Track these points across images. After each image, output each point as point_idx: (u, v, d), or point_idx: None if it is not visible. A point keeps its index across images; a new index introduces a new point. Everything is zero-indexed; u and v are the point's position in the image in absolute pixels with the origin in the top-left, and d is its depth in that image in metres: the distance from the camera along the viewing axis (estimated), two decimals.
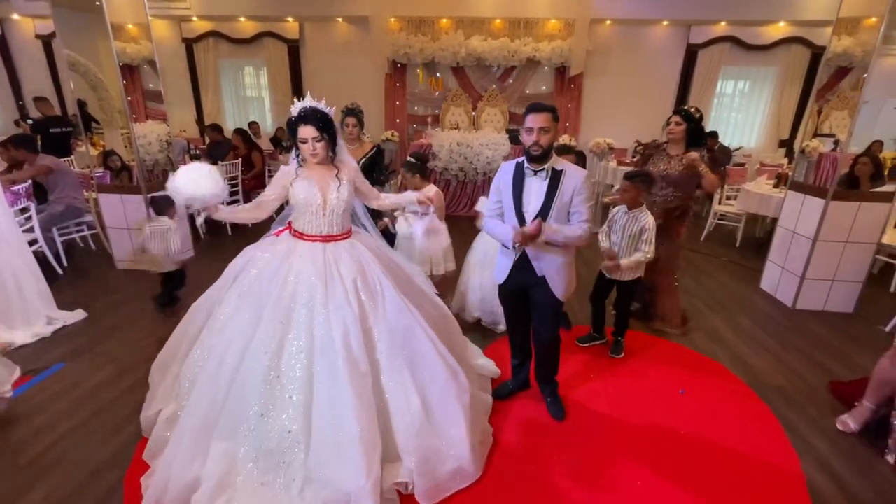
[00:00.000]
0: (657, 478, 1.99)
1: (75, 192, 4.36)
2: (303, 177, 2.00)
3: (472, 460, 1.91)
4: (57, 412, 2.32)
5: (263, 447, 1.75)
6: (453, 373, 2.00)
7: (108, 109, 4.11)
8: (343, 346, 1.79)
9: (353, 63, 8.07)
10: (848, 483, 2.01)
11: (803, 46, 7.43)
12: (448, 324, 2.34)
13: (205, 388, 1.83)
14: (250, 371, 1.78)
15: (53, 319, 3.15)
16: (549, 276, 2.12)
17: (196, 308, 2.15)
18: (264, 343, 1.80)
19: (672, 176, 2.90)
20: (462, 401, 1.97)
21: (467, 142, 6.34)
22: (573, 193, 2.02)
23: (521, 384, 2.52)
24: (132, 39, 4.15)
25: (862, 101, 3.27)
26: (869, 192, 3.45)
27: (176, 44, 8.24)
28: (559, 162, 2.06)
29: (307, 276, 1.90)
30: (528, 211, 2.06)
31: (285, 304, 1.86)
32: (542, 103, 2.01)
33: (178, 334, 2.19)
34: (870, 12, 3.34)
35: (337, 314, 1.84)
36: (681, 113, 2.89)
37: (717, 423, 2.34)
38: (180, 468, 1.73)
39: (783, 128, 7.89)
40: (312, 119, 1.89)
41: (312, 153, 1.94)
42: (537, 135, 1.96)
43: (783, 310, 3.73)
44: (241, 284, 2.00)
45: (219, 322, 1.96)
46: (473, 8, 7.41)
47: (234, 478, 1.74)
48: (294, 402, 1.77)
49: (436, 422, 1.91)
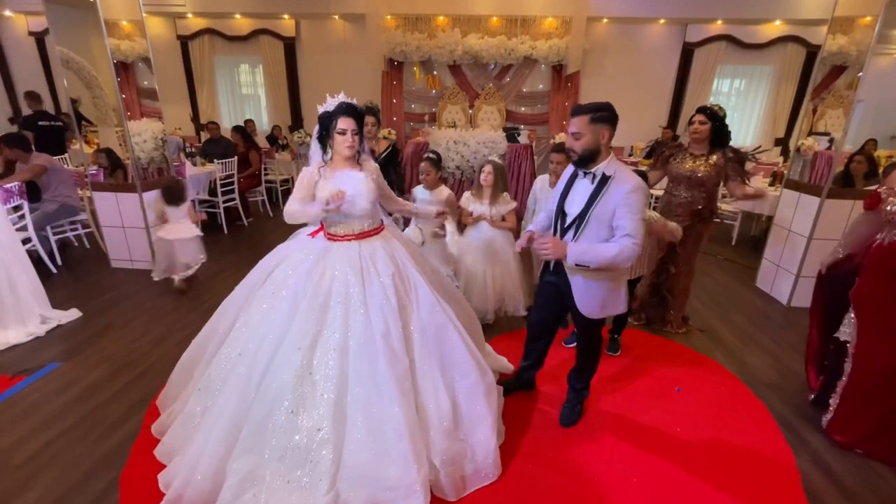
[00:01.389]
0: (653, 474, 2.00)
1: (69, 191, 4.32)
2: (326, 177, 1.99)
3: (494, 461, 1.91)
4: (51, 412, 2.31)
5: (292, 444, 1.74)
6: (483, 372, 2.00)
7: (103, 107, 4.08)
8: (384, 342, 1.80)
9: (349, 61, 8.04)
10: (842, 479, 2.02)
11: (799, 45, 7.45)
12: (473, 323, 2.35)
13: (236, 384, 1.82)
14: (282, 367, 1.78)
15: (47, 318, 3.13)
16: (574, 287, 1.99)
17: (225, 307, 2.16)
18: (298, 339, 1.81)
19: (699, 177, 2.80)
20: (490, 399, 1.98)
21: (464, 140, 6.32)
22: (617, 203, 1.82)
23: (525, 384, 2.50)
24: (126, 36, 4.11)
25: (856, 100, 3.29)
26: (863, 190, 3.47)
27: (171, 41, 8.18)
28: (612, 166, 1.87)
29: (344, 274, 1.91)
30: (570, 213, 1.96)
31: (321, 301, 1.86)
32: (582, 105, 1.86)
33: (206, 333, 2.18)
34: (865, 11, 3.35)
35: (377, 311, 1.85)
36: (705, 111, 2.77)
37: (713, 421, 2.35)
38: (208, 463, 1.72)
39: (779, 126, 7.92)
40: (354, 112, 1.93)
41: (350, 145, 1.94)
42: (570, 140, 1.88)
43: (778, 307, 3.75)
44: (274, 282, 2.00)
45: (252, 319, 1.95)
46: (470, 6, 7.40)
47: (260, 473, 1.72)
48: (326, 400, 1.76)
49: (463, 421, 1.92)
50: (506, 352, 2.70)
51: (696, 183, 2.83)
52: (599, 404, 2.45)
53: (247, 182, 5.89)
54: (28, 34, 8.21)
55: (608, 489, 1.92)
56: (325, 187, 1.95)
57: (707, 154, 2.83)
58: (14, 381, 2.53)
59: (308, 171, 2.03)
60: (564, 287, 2.04)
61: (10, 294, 2.95)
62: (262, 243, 5.08)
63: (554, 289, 2.12)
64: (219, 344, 2.04)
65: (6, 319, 2.93)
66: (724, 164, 2.78)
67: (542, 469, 2.01)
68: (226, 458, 1.73)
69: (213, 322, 2.18)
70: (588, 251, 1.84)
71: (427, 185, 3.08)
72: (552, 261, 2.05)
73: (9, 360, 2.74)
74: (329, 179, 1.98)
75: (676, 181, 2.92)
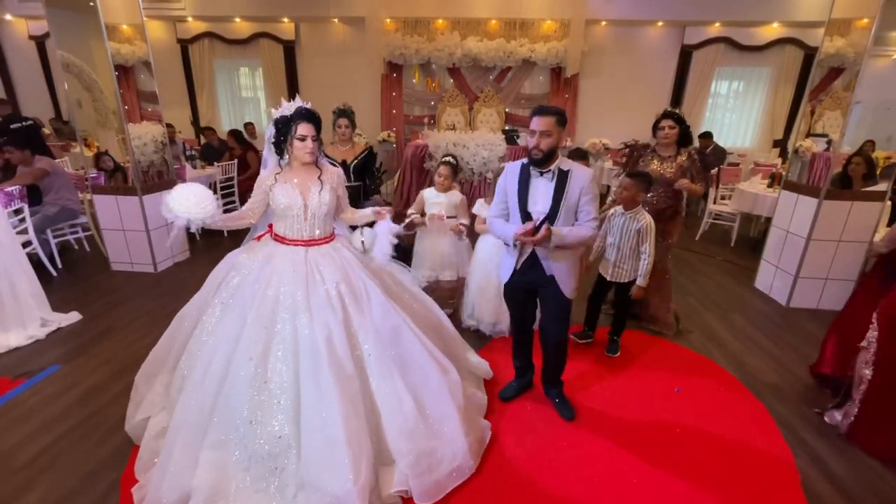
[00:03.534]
0: (653, 475, 2.00)
1: (70, 194, 4.34)
2: (282, 181, 1.97)
3: (467, 455, 1.91)
4: (52, 414, 2.31)
5: (255, 454, 1.73)
6: (444, 370, 2.01)
7: (103, 110, 4.10)
8: (327, 349, 1.78)
9: (349, 64, 8.07)
10: (842, 479, 2.03)
11: (796, 47, 7.48)
12: (438, 321, 2.34)
13: (192, 396, 1.80)
14: (237, 377, 1.76)
15: (48, 321, 3.14)
16: (558, 276, 2.11)
17: (182, 316, 2.11)
18: (249, 348, 1.79)
19: (665, 177, 2.94)
20: (455, 397, 1.98)
21: (463, 142, 6.33)
22: (580, 193, 2.01)
23: (526, 385, 2.52)
24: (127, 40, 4.13)
25: (854, 102, 3.30)
26: (861, 191, 3.48)
27: (171, 44, 8.21)
28: (565, 162, 2.05)
29: (288, 280, 1.89)
30: (536, 211, 2.05)
31: (269, 308, 1.85)
32: (547, 107, 2.00)
33: (165, 342, 2.15)
34: (861, 13, 3.37)
35: (319, 318, 1.83)
36: (673, 117, 2.93)
37: (713, 421, 2.36)
38: (172, 480, 1.68)
39: (777, 128, 7.95)
40: (313, 118, 1.92)
41: (310, 151, 1.94)
42: (538, 139, 1.95)
43: (777, 308, 3.76)
44: (223, 291, 1.98)
45: (204, 330, 1.93)
46: (469, 9, 7.43)
47: (226, 486, 1.71)
48: (283, 406, 1.76)
49: (430, 421, 1.91)
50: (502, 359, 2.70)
51: (663, 183, 2.94)
52: (598, 405, 2.45)
53: (246, 184, 5.90)
54: (28, 38, 8.24)
55: (608, 490, 1.92)
56: (281, 193, 1.95)
57: (674, 156, 2.96)
58: (15, 384, 2.54)
59: (262, 176, 2.02)
60: (540, 280, 2.14)
61: (10, 297, 2.95)
62: None
63: (524, 286, 2.22)
64: (178, 354, 2.03)
65: (7, 322, 2.93)
66: (689, 164, 2.93)
67: (540, 470, 2.01)
68: (188, 474, 1.70)
69: (171, 330, 2.14)
70: (570, 234, 2.02)
71: (441, 188, 3.08)
72: (523, 258, 2.13)
73: (9, 363, 2.74)
74: (285, 185, 1.96)
75: None
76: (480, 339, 3.07)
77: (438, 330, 2.30)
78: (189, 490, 1.69)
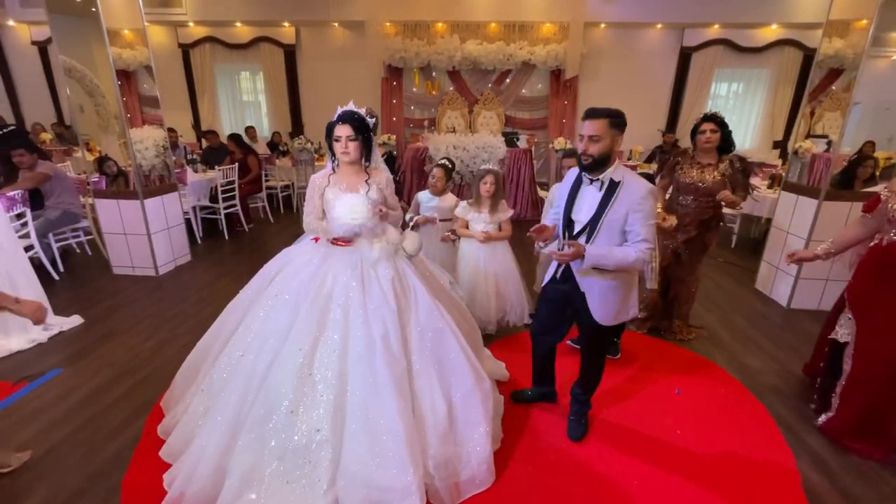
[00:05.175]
0: (654, 476, 2.00)
1: (72, 198, 4.36)
2: (333, 184, 2.04)
3: (489, 468, 1.91)
4: (54, 418, 2.32)
5: (291, 445, 1.76)
6: (479, 378, 2.01)
7: (105, 115, 4.12)
8: (383, 344, 1.82)
9: (349, 67, 8.10)
10: (842, 480, 2.02)
11: (795, 48, 7.50)
12: (473, 330, 2.36)
13: (238, 384, 1.85)
14: (283, 368, 1.81)
15: (50, 325, 3.14)
16: (589, 295, 1.96)
17: (230, 310, 2.19)
18: (299, 341, 1.83)
19: (707, 186, 2.76)
20: (486, 406, 1.98)
21: (463, 145, 6.36)
22: (628, 209, 1.82)
23: (542, 395, 2.45)
24: (128, 45, 4.16)
25: (853, 103, 3.31)
26: (861, 192, 3.48)
27: (172, 49, 8.25)
28: (620, 171, 1.87)
29: (344, 277, 1.94)
30: (579, 220, 1.94)
31: (322, 304, 1.90)
32: (597, 109, 1.83)
33: (211, 336, 2.21)
34: (859, 14, 3.38)
35: (376, 313, 1.87)
36: (715, 120, 2.72)
37: (713, 423, 2.36)
38: (209, 462, 1.73)
39: (777, 129, 7.96)
40: (349, 119, 1.96)
41: (344, 151, 1.98)
42: (586, 144, 1.83)
43: (778, 309, 3.75)
44: (278, 285, 2.04)
45: (256, 320, 1.99)
46: (468, 12, 7.46)
47: (259, 473, 1.74)
48: (325, 400, 1.78)
49: (458, 427, 1.92)
50: (505, 358, 2.71)
51: (704, 192, 2.78)
52: (599, 407, 2.45)
53: (247, 188, 5.92)
54: (31, 43, 8.30)
55: (609, 492, 1.92)
56: (331, 195, 2.01)
57: (715, 163, 2.77)
58: (16, 388, 2.55)
59: (315, 182, 2.08)
60: (573, 294, 2.00)
61: None
62: (263, 249, 5.10)
63: (560, 296, 2.09)
64: (222, 346, 2.07)
65: (8, 326, 2.95)
66: (731, 172, 2.75)
67: (542, 472, 2.01)
68: (226, 458, 1.74)
69: (217, 324, 2.22)
70: (606, 254, 1.83)
71: (435, 191, 3.09)
72: (561, 267, 2.03)
73: (11, 367, 2.75)
74: (334, 188, 2.02)
75: (683, 190, 2.87)
76: (487, 338, 3.06)
77: (470, 333, 2.31)
78: (224, 471, 1.72)
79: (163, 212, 4.25)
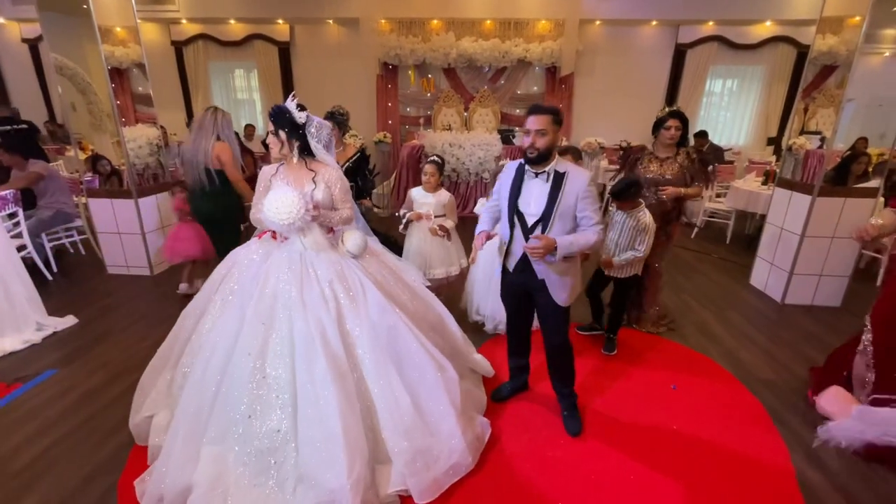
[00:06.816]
0: (650, 472, 2.01)
1: (65, 198, 4.32)
2: (281, 176, 2.02)
3: (465, 453, 1.92)
4: (49, 418, 2.30)
5: (253, 448, 1.75)
6: (440, 368, 2.01)
7: (98, 113, 4.08)
8: (322, 345, 1.80)
9: (344, 65, 8.07)
10: (837, 474, 2.04)
11: (789, 45, 7.54)
12: (438, 318, 2.34)
13: (192, 392, 1.83)
14: (236, 373, 1.79)
15: (44, 326, 3.12)
16: (549, 281, 2.06)
17: (186, 314, 2.15)
18: (248, 344, 1.81)
19: (668, 179, 2.86)
20: (451, 395, 1.98)
21: (459, 142, 6.36)
22: (577, 197, 1.95)
23: (519, 387, 2.52)
24: (120, 43, 4.12)
25: (846, 99, 3.33)
26: (854, 188, 3.51)
27: (165, 47, 8.18)
28: (561, 164, 1.99)
29: (285, 277, 1.92)
30: (529, 213, 2.02)
31: (267, 304, 1.87)
32: (542, 105, 1.97)
33: (170, 340, 2.19)
34: (852, 11, 3.40)
35: (313, 314, 1.85)
36: (682, 117, 2.81)
37: (709, 418, 2.37)
38: (174, 474, 1.72)
39: (771, 125, 8.00)
40: (271, 115, 1.96)
41: (270, 147, 2.00)
42: (534, 137, 1.93)
43: (772, 305, 3.78)
44: (224, 288, 2.01)
45: (205, 326, 1.97)
46: (464, 9, 7.44)
47: (226, 480, 1.74)
48: (281, 401, 1.78)
49: (427, 419, 1.92)
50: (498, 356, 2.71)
51: (667, 184, 2.86)
52: (595, 403, 2.46)
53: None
54: (21, 41, 8.20)
55: (606, 488, 1.93)
56: (275, 185, 1.99)
57: (673, 156, 2.87)
58: (11, 389, 2.53)
59: (265, 172, 2.07)
60: (532, 283, 2.10)
61: (5, 301, 2.94)
62: None
63: (519, 288, 2.18)
64: (181, 351, 2.06)
65: (2, 327, 2.92)
66: (688, 164, 2.85)
67: (537, 467, 2.02)
68: (190, 469, 1.73)
69: (175, 328, 2.18)
70: (573, 241, 1.95)
71: (428, 188, 3.09)
72: (516, 259, 2.10)
73: (5, 368, 2.73)
74: (280, 182, 2.00)
75: (646, 185, 2.91)
76: (483, 336, 3.08)
77: (438, 327, 2.31)
78: (190, 484, 1.71)
79: (157, 211, 4.23)
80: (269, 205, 1.86)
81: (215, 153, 3.11)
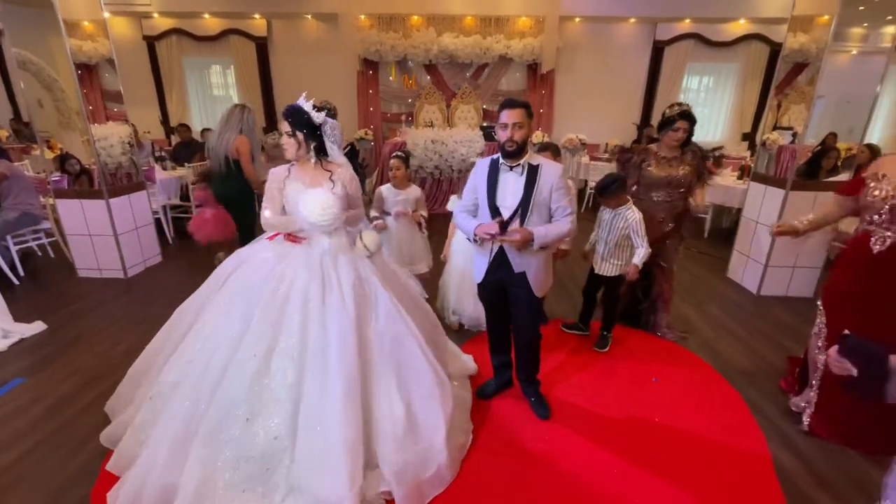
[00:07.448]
0: (633, 464, 2.04)
1: (31, 198, 4.14)
2: (294, 177, 1.97)
3: (449, 466, 1.90)
4: (16, 430, 2.21)
5: (247, 454, 1.70)
6: (440, 382, 1.99)
7: (65, 111, 3.93)
8: (338, 351, 1.76)
9: (323, 61, 7.94)
10: (812, 461, 2.10)
11: (763, 43, 7.72)
12: (435, 330, 2.34)
13: (187, 393, 1.77)
14: (237, 375, 1.74)
15: (9, 333, 3.00)
16: (528, 273, 2.10)
17: (181, 312, 2.08)
18: (253, 346, 1.76)
19: (678, 178, 2.80)
20: (445, 409, 1.96)
21: (442, 139, 6.34)
22: (551, 189, 2.01)
23: (504, 384, 2.53)
24: (88, 37, 3.96)
25: (817, 96, 3.42)
26: (825, 181, 3.61)
27: (137, 42, 7.91)
28: (534, 157, 2.05)
29: (302, 279, 1.86)
30: (505, 206, 2.04)
31: (277, 306, 1.82)
32: (515, 99, 2.02)
33: (161, 339, 2.10)
34: (822, 10, 3.49)
35: (333, 318, 1.81)
36: (691, 119, 2.73)
37: (689, 409, 2.42)
38: (157, 477, 1.66)
39: (745, 121, 8.19)
40: (287, 115, 1.92)
41: (286, 148, 1.95)
42: (511, 130, 1.96)
43: (749, 296, 3.87)
44: (230, 288, 1.95)
45: (206, 326, 1.90)
46: (444, 5, 7.40)
47: (213, 485, 1.67)
48: (283, 408, 1.73)
49: (418, 430, 1.89)
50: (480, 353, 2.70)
51: (676, 185, 2.82)
52: (578, 398, 2.48)
53: None
54: None
55: (589, 483, 1.95)
56: (292, 191, 1.94)
57: (679, 156, 2.82)
58: None
59: (275, 174, 2.01)
60: (509, 278, 2.13)
61: None
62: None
63: (497, 286, 2.20)
64: (172, 350, 1.98)
65: None
66: (697, 163, 2.82)
67: (517, 462, 2.03)
68: (176, 471, 1.67)
69: (167, 327, 2.11)
70: (548, 232, 2.01)
71: (397, 184, 3.06)
72: (492, 255, 2.11)
73: None
74: (295, 182, 1.95)
75: (654, 186, 2.88)
76: (462, 334, 3.07)
77: (433, 334, 2.28)
78: (174, 487, 1.65)
79: (130, 211, 4.09)
80: (308, 207, 1.85)
81: (235, 145, 3.42)
